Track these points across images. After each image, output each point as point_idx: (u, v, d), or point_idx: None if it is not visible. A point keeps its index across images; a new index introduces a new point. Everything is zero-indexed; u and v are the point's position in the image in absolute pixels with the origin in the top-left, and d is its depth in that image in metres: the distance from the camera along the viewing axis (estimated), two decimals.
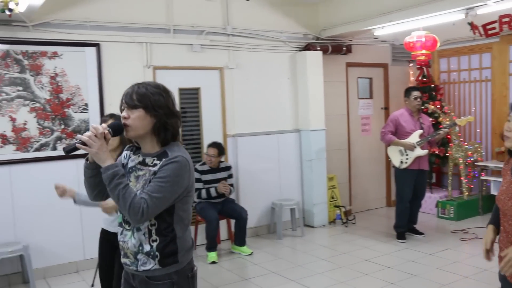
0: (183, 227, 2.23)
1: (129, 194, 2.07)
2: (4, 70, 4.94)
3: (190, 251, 2.30)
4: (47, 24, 5.16)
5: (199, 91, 6.12)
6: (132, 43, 5.62)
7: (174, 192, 2.13)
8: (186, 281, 2.26)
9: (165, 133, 2.19)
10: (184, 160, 2.15)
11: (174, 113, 2.21)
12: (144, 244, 2.17)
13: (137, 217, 2.06)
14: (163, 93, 2.20)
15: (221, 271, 5.29)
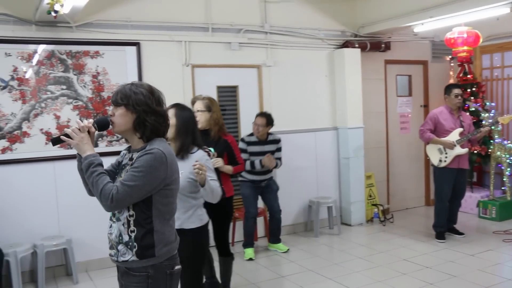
0: (162, 221, 2.29)
1: (102, 181, 2.18)
2: (49, 70, 5.10)
3: (171, 247, 2.34)
4: (90, 25, 5.30)
5: (237, 89, 6.17)
6: (171, 42, 5.71)
7: (147, 182, 2.19)
8: (163, 277, 2.30)
9: (144, 130, 2.28)
10: (160, 153, 2.22)
11: (155, 111, 2.29)
12: (123, 235, 2.27)
13: (107, 203, 2.16)
14: (146, 92, 2.30)
15: (258, 268, 5.33)
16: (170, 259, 2.33)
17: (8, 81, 4.93)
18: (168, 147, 2.33)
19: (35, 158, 5.06)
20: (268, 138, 5.62)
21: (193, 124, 3.26)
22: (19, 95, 4.97)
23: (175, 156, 2.39)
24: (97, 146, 5.28)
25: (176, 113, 3.19)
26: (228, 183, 4.28)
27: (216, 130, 4.20)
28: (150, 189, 2.22)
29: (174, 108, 3.23)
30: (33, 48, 5.04)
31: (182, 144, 3.17)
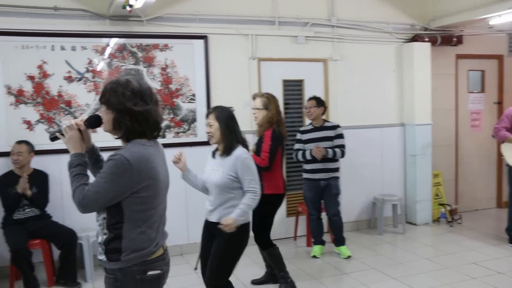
0: (133, 228, 2.18)
1: (76, 184, 2.16)
2: (121, 62, 5.28)
3: (142, 254, 2.21)
4: (160, 18, 5.43)
5: (303, 83, 6.14)
6: (238, 35, 5.75)
7: (109, 189, 2.11)
8: (133, 282, 2.21)
9: (120, 130, 2.19)
10: (122, 159, 2.09)
11: (132, 111, 2.16)
12: (99, 235, 2.26)
13: (76, 206, 2.15)
14: (124, 90, 2.17)
15: (320, 264, 5.28)
16: (142, 264, 2.22)
17: (83, 73, 5.15)
18: (141, 151, 2.16)
19: (107, 147, 5.18)
20: (324, 124, 5.34)
21: (233, 122, 3.35)
22: (93, 87, 5.19)
23: (150, 160, 2.18)
24: (165, 137, 5.43)
25: (216, 116, 3.31)
26: (270, 180, 4.28)
27: (265, 127, 4.28)
28: (113, 196, 2.13)
29: (214, 112, 3.35)
30: (106, 42, 5.24)
31: (228, 144, 3.29)
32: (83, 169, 2.21)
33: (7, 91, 4.92)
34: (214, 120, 3.30)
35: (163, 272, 2.31)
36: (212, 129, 3.32)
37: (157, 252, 2.27)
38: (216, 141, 3.36)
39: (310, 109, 5.28)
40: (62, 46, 5.07)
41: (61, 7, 5.07)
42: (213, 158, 3.46)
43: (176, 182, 5.46)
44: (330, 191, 5.31)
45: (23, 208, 4.73)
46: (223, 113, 3.33)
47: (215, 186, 3.30)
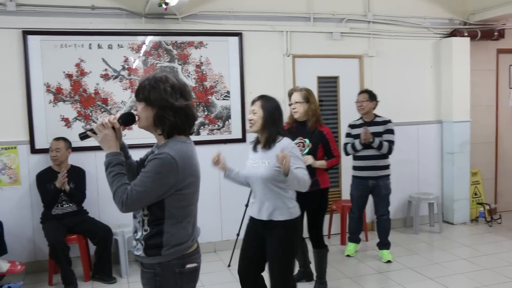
0: (175, 224, 2.21)
1: (117, 183, 2.16)
2: (156, 60, 5.32)
3: (181, 248, 2.24)
4: (194, 16, 5.45)
5: (338, 79, 6.06)
6: (273, 32, 5.72)
7: (155, 188, 2.13)
8: (172, 276, 2.25)
9: (163, 126, 2.20)
10: (169, 158, 2.12)
11: (174, 107, 2.18)
12: (138, 231, 2.27)
13: (119, 206, 2.15)
14: (165, 86, 2.18)
15: (355, 262, 5.22)
16: (181, 258, 2.26)
17: (119, 71, 5.21)
18: (183, 148, 2.20)
19: (142, 144, 5.25)
20: (375, 119, 5.18)
21: (278, 114, 3.25)
22: (129, 84, 5.25)
23: (192, 158, 2.25)
24: (199, 134, 5.46)
25: (262, 105, 3.22)
26: (323, 175, 4.22)
27: (313, 121, 4.15)
28: (159, 195, 2.16)
29: (260, 100, 3.25)
30: (142, 40, 5.28)
31: (269, 134, 3.20)
32: (122, 168, 2.21)
33: (47, 89, 5.03)
34: (259, 108, 3.21)
35: (199, 266, 2.37)
36: (255, 117, 3.22)
37: (194, 246, 2.33)
38: (256, 129, 3.25)
39: (362, 103, 5.14)
40: (99, 44, 5.14)
41: (98, 6, 5.14)
42: (254, 151, 3.35)
43: (210, 180, 5.55)
44: (380, 191, 5.15)
45: (61, 204, 4.82)
46: (269, 102, 3.24)
47: (260, 180, 3.19)
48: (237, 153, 5.57)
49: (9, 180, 5.00)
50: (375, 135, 5.00)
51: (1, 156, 4.97)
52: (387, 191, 5.18)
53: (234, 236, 5.26)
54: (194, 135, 5.29)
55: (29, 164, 5.03)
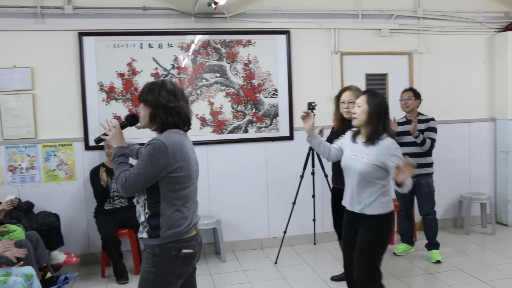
0: (169, 206, 2.46)
1: (119, 170, 2.49)
2: (205, 58, 5.40)
3: (177, 231, 2.47)
4: (243, 15, 5.50)
5: (386, 77, 5.97)
6: (320, 30, 5.70)
7: (148, 170, 2.40)
8: (168, 258, 2.48)
9: (156, 123, 2.53)
10: (159, 143, 2.41)
11: (165, 107, 2.49)
12: (141, 215, 2.53)
13: (120, 188, 2.47)
14: (158, 89, 2.51)
15: (403, 262, 5.12)
16: (178, 242, 2.48)
17: (169, 69, 5.33)
18: (174, 136, 2.47)
19: None
20: (419, 117, 5.04)
21: (384, 110, 3.21)
22: (178, 83, 5.34)
23: (183, 145, 2.49)
24: (247, 132, 5.52)
25: (367, 99, 3.19)
26: None
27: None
28: (152, 176, 2.42)
29: (366, 94, 3.25)
30: (191, 39, 5.38)
31: (373, 130, 3.17)
32: (125, 159, 2.56)
33: (100, 88, 5.20)
34: (364, 102, 3.19)
35: (195, 252, 2.58)
36: (359, 110, 3.21)
37: (191, 232, 2.54)
38: (358, 124, 3.24)
39: (407, 101, 5.06)
40: (149, 44, 5.27)
41: (149, 7, 5.28)
42: (353, 142, 3.33)
43: (258, 177, 5.59)
44: (421, 189, 5.06)
45: (113, 199, 4.98)
46: (375, 98, 3.21)
47: (358, 173, 3.19)
48: (284, 151, 5.63)
49: (65, 176, 5.21)
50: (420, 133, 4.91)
51: (58, 153, 5.18)
52: (430, 189, 5.08)
53: (281, 234, 5.28)
54: (241, 132, 5.40)
55: (84, 160, 5.22)
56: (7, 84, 5.04)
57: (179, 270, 2.53)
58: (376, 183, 3.18)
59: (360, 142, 3.27)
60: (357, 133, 3.34)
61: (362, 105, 3.21)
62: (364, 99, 3.21)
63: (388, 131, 3.22)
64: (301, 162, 5.13)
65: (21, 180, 5.13)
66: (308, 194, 5.28)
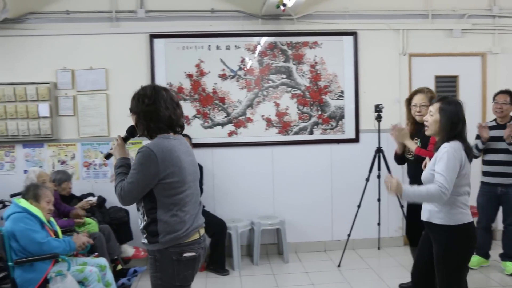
0: (166, 212, 2.48)
1: (118, 180, 2.55)
2: (271, 60, 5.45)
3: (176, 236, 2.48)
4: (309, 16, 5.50)
5: (457, 79, 5.77)
6: (388, 31, 5.60)
7: (140, 179, 2.44)
8: (170, 263, 2.50)
9: (141, 129, 2.60)
10: (148, 151, 2.44)
11: (143, 112, 2.53)
12: (141, 222, 2.57)
13: (118, 198, 2.53)
14: (138, 95, 2.57)
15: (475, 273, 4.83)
16: (178, 246, 2.50)
17: (236, 71, 5.41)
18: (163, 142, 2.49)
19: (255, 142, 5.48)
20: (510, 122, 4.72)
21: (457, 120, 3.02)
22: (245, 84, 5.43)
23: (173, 151, 2.49)
24: (312, 134, 5.53)
25: (441, 107, 3.03)
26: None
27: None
28: (145, 185, 2.46)
29: (439, 102, 3.07)
30: (258, 40, 5.44)
31: (443, 139, 3.02)
32: (125, 169, 2.59)
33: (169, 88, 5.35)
34: (437, 111, 3.05)
35: (198, 255, 2.58)
36: (431, 119, 3.10)
37: (192, 236, 2.56)
38: (431, 133, 3.15)
39: (502, 105, 4.74)
40: (217, 45, 5.38)
41: (218, 9, 5.40)
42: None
43: (322, 179, 5.56)
44: (509, 200, 4.72)
45: None
46: (449, 106, 3.02)
47: (423, 182, 3.09)
48: (350, 153, 5.58)
49: None
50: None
51: (129, 150, 5.36)
52: None
53: (344, 237, 5.22)
54: (307, 134, 5.40)
55: None
56: (83, 85, 5.31)
57: (183, 275, 2.53)
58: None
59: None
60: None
61: (434, 114, 3.06)
62: (436, 108, 3.04)
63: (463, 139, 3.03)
64: (367, 164, 5.06)
65: (94, 175, 5.38)
66: (373, 198, 5.19)
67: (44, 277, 3.46)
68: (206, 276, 4.95)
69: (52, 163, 5.35)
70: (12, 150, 5.34)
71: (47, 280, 3.47)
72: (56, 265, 3.54)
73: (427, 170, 3.07)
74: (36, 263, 3.47)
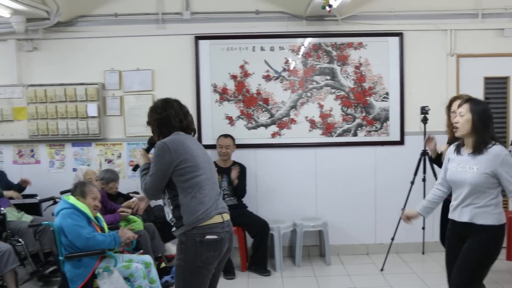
0: (186, 196, 2.74)
1: (142, 179, 2.89)
2: (316, 61, 5.43)
3: (198, 217, 2.71)
4: (354, 17, 5.45)
5: (508, 80, 5.59)
6: (436, 31, 5.47)
7: (160, 170, 2.76)
8: (194, 244, 2.71)
9: (156, 136, 2.96)
10: (161, 144, 2.78)
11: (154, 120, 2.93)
12: (169, 213, 2.84)
13: (145, 194, 2.90)
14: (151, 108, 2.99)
15: None
16: (200, 228, 2.71)
17: (280, 72, 5.42)
18: (174, 137, 2.83)
19: (299, 144, 5.47)
20: None
21: (488, 117, 3.06)
22: (289, 85, 5.43)
23: (184, 142, 2.80)
24: (356, 135, 5.49)
25: (471, 107, 3.05)
26: None
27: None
28: (163, 174, 2.76)
29: (468, 103, 3.09)
30: (302, 41, 5.43)
31: (478, 139, 3.03)
32: (148, 171, 2.89)
33: (213, 90, 5.42)
34: (467, 111, 3.05)
35: (220, 238, 2.76)
36: (462, 120, 3.08)
37: (214, 219, 2.76)
38: (461, 134, 3.11)
39: None
40: (262, 47, 5.40)
41: (262, 11, 5.42)
42: (458, 154, 3.20)
43: (365, 183, 5.51)
44: None
45: (223, 197, 5.14)
46: (478, 105, 3.08)
47: (468, 185, 3.05)
48: (394, 156, 5.49)
49: None
50: None
51: None
52: None
53: (387, 240, 5.14)
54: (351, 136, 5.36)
55: None
56: (130, 85, 5.43)
57: (205, 256, 2.73)
58: (487, 192, 3.01)
59: (466, 154, 3.11)
60: (461, 145, 3.18)
61: (465, 114, 3.05)
62: (467, 108, 3.05)
63: (496, 138, 3.04)
64: (412, 167, 4.98)
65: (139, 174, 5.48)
66: (418, 201, 4.94)
67: (91, 272, 3.56)
68: (248, 276, 4.98)
69: (99, 162, 5.50)
70: (62, 149, 5.52)
71: (94, 275, 3.56)
72: (103, 261, 3.63)
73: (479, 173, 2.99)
74: (83, 258, 3.58)
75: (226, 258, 2.93)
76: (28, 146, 5.53)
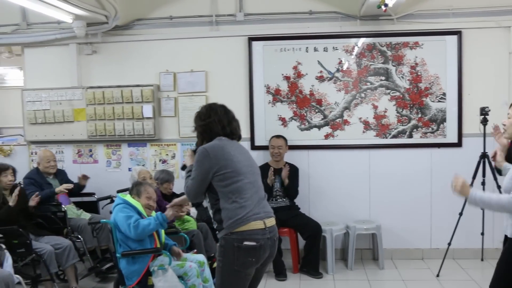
0: (227, 200, 2.77)
1: (186, 182, 2.94)
2: (370, 61, 5.34)
3: (236, 222, 2.73)
4: (410, 16, 5.31)
5: None
6: (497, 28, 5.26)
7: (199, 173, 2.81)
8: (232, 249, 2.74)
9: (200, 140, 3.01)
10: (201, 149, 2.84)
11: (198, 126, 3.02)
12: (213, 217, 2.90)
13: (187, 196, 2.99)
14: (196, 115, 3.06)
15: None
16: (239, 234, 2.73)
17: (333, 72, 5.37)
18: (215, 143, 2.89)
19: (352, 145, 5.40)
20: None
21: None
22: (342, 86, 5.37)
23: (224, 148, 2.84)
24: (412, 137, 5.36)
25: None
26: None
27: None
28: (203, 178, 2.81)
29: None
30: (356, 42, 5.36)
31: None
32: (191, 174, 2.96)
33: (266, 91, 5.43)
34: None
35: (260, 245, 2.76)
36: (508, 122, 2.97)
37: (254, 224, 2.76)
38: (508, 136, 3.02)
39: None
40: (315, 47, 5.36)
41: (315, 11, 5.38)
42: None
43: (420, 184, 5.37)
44: None
45: (275, 198, 5.17)
46: None
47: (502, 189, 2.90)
48: (452, 158, 5.33)
49: None
50: None
51: None
52: None
53: (444, 245, 4.99)
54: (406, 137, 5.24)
55: None
56: (184, 87, 5.52)
57: (242, 261, 2.75)
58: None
59: None
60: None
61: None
62: None
63: None
64: (470, 170, 4.80)
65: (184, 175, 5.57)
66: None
67: (145, 269, 3.63)
68: (300, 279, 4.96)
69: (154, 162, 5.63)
70: (119, 149, 5.68)
71: (149, 273, 3.64)
72: (158, 259, 3.69)
73: (508, 179, 2.83)
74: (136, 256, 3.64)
75: (268, 262, 2.94)
76: (87, 146, 5.73)
